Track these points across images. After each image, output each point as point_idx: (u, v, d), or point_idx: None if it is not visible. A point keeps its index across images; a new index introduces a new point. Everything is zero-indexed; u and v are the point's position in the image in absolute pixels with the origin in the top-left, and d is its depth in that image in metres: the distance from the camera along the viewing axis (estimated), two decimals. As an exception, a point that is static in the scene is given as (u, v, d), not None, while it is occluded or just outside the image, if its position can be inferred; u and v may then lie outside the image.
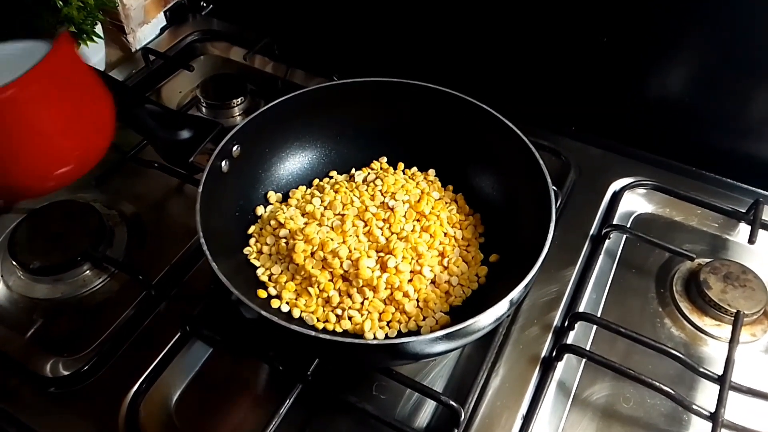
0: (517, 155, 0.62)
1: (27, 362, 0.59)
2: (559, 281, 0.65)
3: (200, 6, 1.01)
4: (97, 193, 0.75)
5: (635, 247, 0.71)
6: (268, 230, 0.64)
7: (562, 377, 0.59)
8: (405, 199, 0.65)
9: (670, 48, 0.71)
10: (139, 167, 0.76)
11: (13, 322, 0.63)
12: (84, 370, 0.58)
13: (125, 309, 0.63)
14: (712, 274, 0.65)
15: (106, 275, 0.67)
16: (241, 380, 0.60)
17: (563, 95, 0.82)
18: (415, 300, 0.59)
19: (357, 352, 0.50)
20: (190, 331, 0.60)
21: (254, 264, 0.62)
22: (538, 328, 0.62)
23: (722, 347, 0.61)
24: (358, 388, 0.58)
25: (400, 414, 0.57)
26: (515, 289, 0.50)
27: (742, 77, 0.70)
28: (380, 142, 0.71)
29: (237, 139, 0.62)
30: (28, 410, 0.57)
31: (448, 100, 0.66)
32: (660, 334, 0.64)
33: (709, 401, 0.56)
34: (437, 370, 0.60)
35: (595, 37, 0.74)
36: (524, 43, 0.80)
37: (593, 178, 0.76)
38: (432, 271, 0.60)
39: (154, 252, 0.69)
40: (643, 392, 0.58)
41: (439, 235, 0.62)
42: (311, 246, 0.60)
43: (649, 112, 0.79)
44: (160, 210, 0.74)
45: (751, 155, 0.76)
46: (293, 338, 0.48)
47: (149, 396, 0.57)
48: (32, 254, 0.65)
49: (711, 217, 0.73)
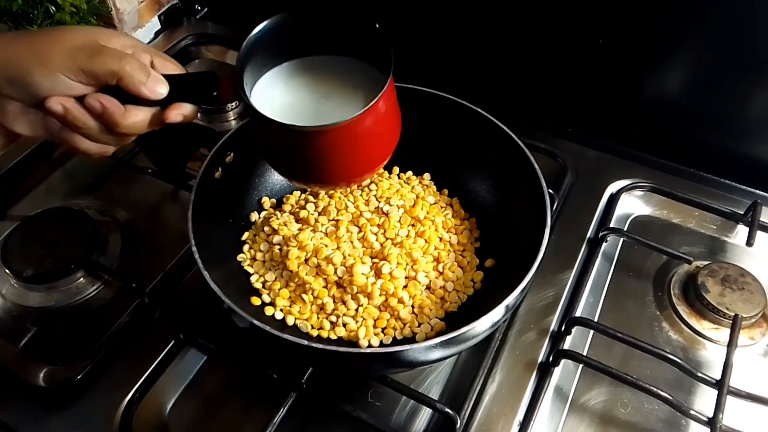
0: (513, 159, 0.61)
1: (21, 371, 0.59)
2: (556, 285, 0.65)
3: (195, 9, 1.00)
4: (91, 199, 0.75)
5: (633, 249, 0.70)
6: (261, 237, 0.64)
7: (559, 383, 0.59)
8: (400, 204, 0.64)
9: (667, 49, 0.71)
10: (133, 173, 0.76)
11: (6, 331, 0.63)
12: (78, 378, 0.58)
13: (119, 317, 0.63)
14: (710, 276, 0.64)
15: (99, 283, 0.66)
16: (236, 388, 0.60)
17: (560, 97, 0.82)
18: (410, 306, 0.58)
19: (350, 361, 0.50)
20: (184, 339, 0.60)
21: (248, 271, 0.62)
22: (534, 333, 0.61)
23: (720, 351, 0.60)
24: (354, 396, 0.58)
25: (396, 421, 0.57)
26: (511, 295, 0.50)
27: (739, 78, 0.70)
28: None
29: (230, 145, 0.62)
30: (21, 420, 0.56)
31: (443, 104, 0.65)
32: (658, 337, 0.63)
33: (707, 406, 0.55)
34: (433, 377, 0.60)
35: (591, 39, 0.73)
36: (520, 46, 0.79)
37: (590, 180, 0.76)
38: (427, 276, 0.60)
39: (148, 259, 0.69)
40: (641, 397, 0.58)
41: (434, 240, 0.62)
42: (305, 252, 0.59)
43: (646, 114, 0.78)
44: (154, 216, 0.74)
45: (749, 156, 0.75)
46: (286, 347, 0.48)
47: (143, 404, 0.57)
48: (25, 262, 0.65)
49: (709, 219, 0.73)
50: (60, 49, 0.42)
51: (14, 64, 0.42)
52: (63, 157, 0.79)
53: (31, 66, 0.42)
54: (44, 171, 0.78)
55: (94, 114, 0.44)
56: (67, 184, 0.77)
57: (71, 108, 0.43)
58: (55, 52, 0.42)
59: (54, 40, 0.43)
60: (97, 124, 0.44)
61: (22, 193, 0.76)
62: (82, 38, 0.43)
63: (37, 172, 0.77)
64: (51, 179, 0.77)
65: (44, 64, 0.42)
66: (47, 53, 0.42)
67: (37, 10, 0.76)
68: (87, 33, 0.44)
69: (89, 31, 0.45)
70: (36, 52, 0.42)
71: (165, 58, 0.47)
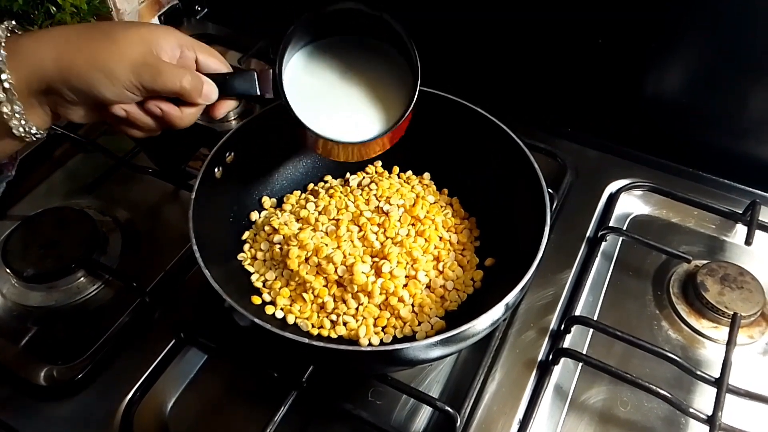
0: (512, 158, 0.61)
1: (21, 371, 0.59)
2: (556, 284, 0.65)
3: (195, 10, 1.01)
4: (91, 199, 0.75)
5: (632, 249, 0.70)
6: (262, 236, 0.64)
7: (558, 381, 0.59)
8: (400, 203, 0.64)
9: (666, 49, 0.71)
10: (133, 173, 0.76)
11: (6, 331, 0.63)
12: (78, 378, 0.58)
13: (120, 316, 0.63)
14: (709, 275, 0.65)
15: (100, 282, 0.66)
16: (236, 387, 0.60)
17: (559, 97, 0.82)
18: (410, 305, 0.58)
19: (351, 359, 0.50)
20: (184, 338, 0.60)
21: (248, 270, 0.62)
22: (534, 332, 0.62)
23: (719, 349, 0.61)
24: (354, 394, 0.58)
25: (396, 420, 0.57)
26: (511, 293, 0.50)
27: (738, 78, 0.70)
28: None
29: (230, 145, 0.62)
30: (22, 419, 0.57)
31: (443, 104, 0.65)
32: (657, 336, 0.63)
33: (706, 404, 0.56)
34: (433, 375, 0.60)
35: (590, 38, 0.73)
36: (520, 46, 0.79)
37: (590, 179, 0.76)
38: (427, 275, 0.60)
39: (149, 258, 0.69)
40: (641, 396, 0.58)
41: (434, 240, 0.62)
42: (306, 251, 0.60)
43: (645, 114, 0.78)
44: (155, 216, 0.74)
45: (748, 156, 0.75)
46: (287, 345, 0.48)
47: (144, 403, 0.57)
48: (26, 262, 0.65)
49: (708, 219, 0.73)
50: (123, 65, 0.45)
51: (77, 75, 0.44)
52: (63, 156, 0.80)
53: (96, 79, 0.45)
54: (45, 171, 0.78)
55: (153, 116, 0.48)
56: (67, 183, 0.77)
57: (133, 112, 0.48)
58: (119, 68, 0.45)
59: (115, 52, 0.45)
60: (154, 122, 0.49)
61: (23, 192, 0.76)
62: (140, 49, 0.46)
63: (37, 172, 0.77)
64: (51, 179, 0.77)
65: (109, 78, 0.45)
66: (111, 69, 0.45)
67: (37, 10, 0.76)
68: (143, 40, 0.46)
69: (143, 36, 0.47)
70: (99, 65, 0.44)
71: (209, 53, 0.51)
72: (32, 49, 0.44)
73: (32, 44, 0.44)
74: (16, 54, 0.44)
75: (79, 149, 0.80)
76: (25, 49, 0.44)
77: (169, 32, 0.49)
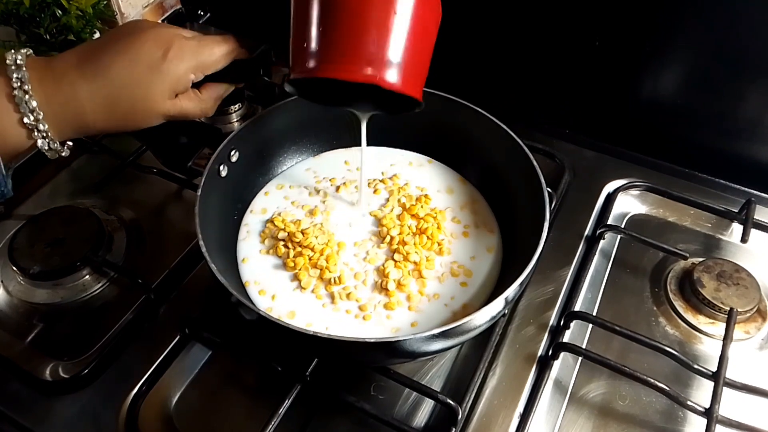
0: (512, 157, 0.62)
1: (27, 366, 0.60)
2: (555, 281, 0.66)
3: (197, 14, 1.02)
4: (97, 198, 0.76)
5: (630, 247, 0.71)
6: (266, 233, 0.65)
7: (558, 376, 0.60)
8: (403, 201, 0.65)
9: (662, 50, 0.72)
10: (138, 173, 0.77)
11: (13, 327, 0.64)
12: (84, 373, 0.59)
13: (125, 313, 0.64)
14: (706, 272, 0.65)
15: (105, 279, 0.67)
16: (240, 382, 0.60)
17: (557, 98, 0.83)
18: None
19: (354, 350, 0.51)
20: (189, 334, 0.61)
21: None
22: (534, 328, 0.62)
23: (716, 345, 0.61)
24: (357, 388, 0.59)
25: (399, 413, 0.58)
26: (510, 287, 0.51)
27: (733, 78, 0.71)
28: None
29: (235, 144, 0.63)
30: (28, 414, 0.57)
31: (443, 104, 0.66)
32: (655, 332, 0.64)
33: (704, 398, 0.56)
34: (435, 370, 0.61)
35: (587, 40, 0.75)
36: (518, 46, 0.80)
37: (587, 179, 0.77)
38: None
39: (153, 256, 0.69)
40: (639, 390, 0.59)
41: (436, 237, 0.63)
42: (309, 249, 0.60)
43: (642, 114, 0.80)
44: (159, 215, 0.75)
45: (743, 156, 0.77)
46: (292, 337, 0.48)
47: (149, 399, 0.58)
48: (32, 259, 0.65)
49: (704, 217, 0.74)
50: (151, 115, 0.54)
51: (116, 130, 0.54)
52: (69, 157, 0.80)
53: (135, 121, 0.54)
54: (50, 171, 0.78)
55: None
56: (72, 183, 0.78)
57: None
58: (150, 117, 0.54)
59: (142, 108, 0.53)
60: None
61: (29, 192, 0.76)
62: (160, 88, 0.53)
63: (43, 172, 0.78)
64: (57, 179, 0.78)
65: (145, 121, 0.54)
66: (144, 119, 0.54)
67: (44, 13, 0.77)
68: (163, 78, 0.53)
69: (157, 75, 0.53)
70: (138, 123, 0.54)
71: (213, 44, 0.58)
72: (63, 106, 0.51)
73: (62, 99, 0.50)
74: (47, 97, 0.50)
75: (83, 150, 0.81)
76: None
77: (183, 37, 0.56)
